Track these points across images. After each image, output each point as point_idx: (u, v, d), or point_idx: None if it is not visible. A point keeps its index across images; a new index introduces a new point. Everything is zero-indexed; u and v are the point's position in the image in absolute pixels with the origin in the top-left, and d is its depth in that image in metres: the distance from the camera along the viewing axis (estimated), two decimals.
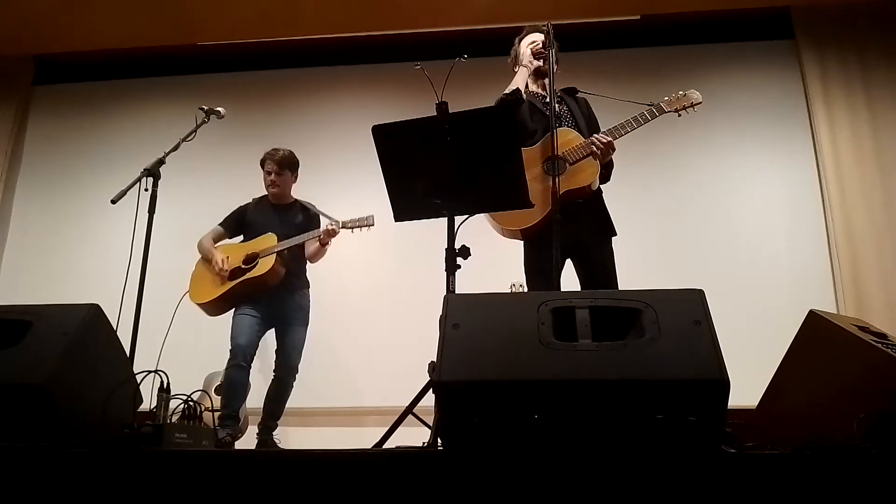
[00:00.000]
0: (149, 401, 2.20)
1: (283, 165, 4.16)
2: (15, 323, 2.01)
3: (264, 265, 3.92)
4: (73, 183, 5.81)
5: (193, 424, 2.09)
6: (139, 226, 3.23)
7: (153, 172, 3.31)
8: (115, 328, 2.27)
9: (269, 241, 4.01)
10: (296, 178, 4.25)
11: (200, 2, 5.33)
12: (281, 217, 4.16)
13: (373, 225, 3.97)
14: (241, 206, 4.26)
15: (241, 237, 4.20)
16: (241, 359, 3.82)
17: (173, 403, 2.15)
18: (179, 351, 3.75)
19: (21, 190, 5.90)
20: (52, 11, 5.37)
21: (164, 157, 3.37)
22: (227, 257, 4.00)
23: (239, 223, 4.21)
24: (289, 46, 5.82)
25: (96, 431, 1.90)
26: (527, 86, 3.33)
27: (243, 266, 3.98)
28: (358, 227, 3.98)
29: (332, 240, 4.01)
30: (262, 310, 3.97)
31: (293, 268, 4.08)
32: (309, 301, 4.16)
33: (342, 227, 3.98)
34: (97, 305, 2.12)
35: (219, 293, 3.95)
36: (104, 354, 2.13)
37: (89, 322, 2.07)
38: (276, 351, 4.08)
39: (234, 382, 3.84)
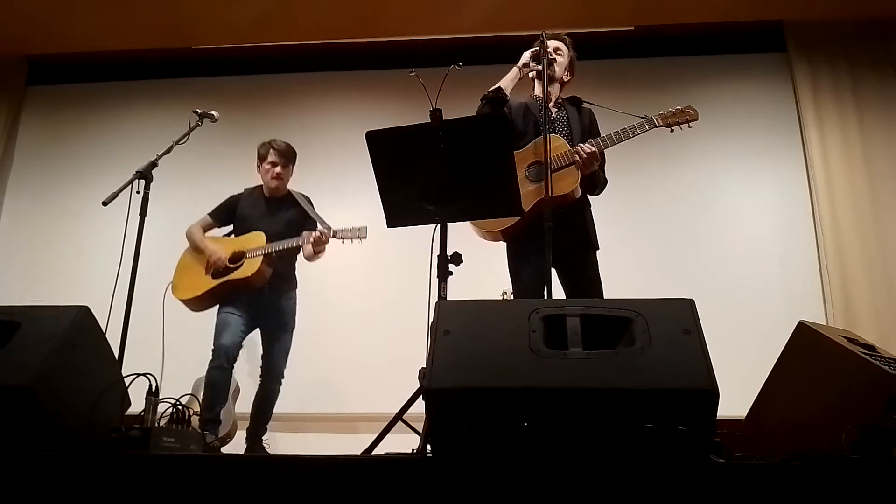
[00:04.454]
0: (137, 404, 2.18)
1: (288, 158, 4.06)
2: (3, 324, 1.99)
3: (250, 267, 3.79)
4: (65, 184, 5.78)
5: (181, 428, 2.07)
6: (130, 228, 3.21)
7: (145, 175, 3.29)
8: (104, 331, 2.26)
9: (257, 239, 3.88)
10: (293, 170, 4.14)
11: (195, 5, 5.33)
12: (272, 212, 4.02)
13: (365, 237, 3.82)
14: (233, 196, 4.13)
15: (230, 227, 4.09)
16: (223, 360, 3.71)
17: (162, 407, 2.14)
18: (169, 354, 3.73)
19: (12, 191, 5.87)
20: (47, 12, 5.36)
21: (156, 159, 3.36)
22: (218, 250, 3.89)
23: (229, 214, 4.08)
24: (283, 51, 5.82)
25: (83, 434, 1.89)
26: (532, 89, 3.33)
27: (229, 265, 3.86)
28: (350, 238, 3.83)
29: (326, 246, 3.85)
30: (247, 310, 3.85)
31: (281, 268, 3.95)
32: (295, 304, 4.04)
33: (333, 237, 3.82)
34: (86, 307, 2.10)
35: (201, 291, 3.84)
36: (93, 357, 2.11)
37: (78, 324, 2.05)
38: (263, 356, 3.98)
39: (216, 385, 3.72)
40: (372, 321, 5.07)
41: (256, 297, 3.86)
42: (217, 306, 3.91)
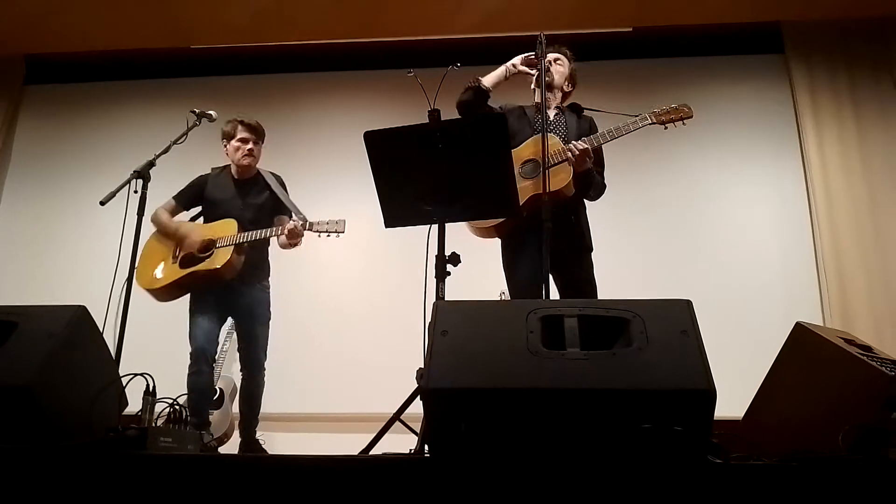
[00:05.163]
0: (134, 404, 2.18)
1: (259, 134, 3.84)
2: (0, 324, 1.99)
3: (220, 258, 3.57)
4: (63, 184, 5.77)
5: (179, 428, 2.07)
6: (128, 228, 3.21)
7: (143, 175, 3.28)
8: (101, 330, 2.26)
9: (228, 227, 3.65)
10: (261, 149, 3.92)
11: (194, 5, 5.33)
12: (243, 195, 3.80)
13: (343, 231, 3.61)
14: (200, 177, 3.90)
15: (197, 209, 3.89)
16: (202, 364, 3.59)
17: (159, 407, 2.13)
18: (165, 354, 3.72)
19: (9, 190, 5.86)
20: (45, 11, 5.35)
21: (154, 159, 3.35)
22: (191, 232, 3.71)
23: (196, 197, 3.86)
24: (282, 51, 5.82)
25: (81, 434, 1.89)
26: (533, 97, 3.32)
27: (198, 254, 3.66)
28: (326, 232, 3.61)
29: (303, 239, 3.62)
30: (217, 303, 3.69)
31: (253, 257, 3.73)
32: (269, 294, 3.83)
33: (309, 230, 3.60)
34: (84, 307, 2.10)
35: (168, 281, 3.64)
36: (90, 356, 2.11)
37: (76, 324, 2.05)
38: (239, 349, 3.81)
39: (198, 390, 3.59)
40: (368, 321, 5.06)
41: (227, 289, 3.68)
42: (186, 295, 3.74)
